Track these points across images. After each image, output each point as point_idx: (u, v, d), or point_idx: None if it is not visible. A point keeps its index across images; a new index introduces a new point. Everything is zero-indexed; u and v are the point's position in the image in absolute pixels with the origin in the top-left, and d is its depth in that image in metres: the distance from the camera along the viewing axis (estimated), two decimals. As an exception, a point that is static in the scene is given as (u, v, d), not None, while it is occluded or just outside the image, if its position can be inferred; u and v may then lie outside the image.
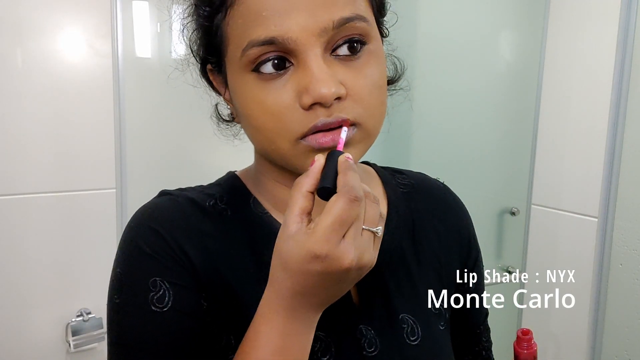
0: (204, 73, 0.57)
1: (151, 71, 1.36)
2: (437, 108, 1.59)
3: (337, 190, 0.42)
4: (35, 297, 1.26)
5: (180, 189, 0.58)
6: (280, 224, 0.55)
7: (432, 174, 0.72)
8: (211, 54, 0.52)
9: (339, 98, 0.46)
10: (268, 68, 0.46)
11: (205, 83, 0.58)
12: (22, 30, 1.20)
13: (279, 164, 0.52)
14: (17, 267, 1.24)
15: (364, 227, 0.42)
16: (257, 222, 0.56)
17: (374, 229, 0.43)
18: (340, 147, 0.46)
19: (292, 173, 0.53)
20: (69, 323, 1.28)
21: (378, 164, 0.70)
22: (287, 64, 0.46)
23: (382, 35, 0.56)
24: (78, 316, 1.29)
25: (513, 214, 1.74)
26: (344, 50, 0.47)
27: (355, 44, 0.47)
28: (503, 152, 1.74)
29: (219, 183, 0.60)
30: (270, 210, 0.57)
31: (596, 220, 1.53)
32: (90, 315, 1.29)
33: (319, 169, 0.44)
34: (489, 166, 1.72)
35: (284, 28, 0.44)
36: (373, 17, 0.51)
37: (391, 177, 0.66)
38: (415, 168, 0.72)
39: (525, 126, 1.72)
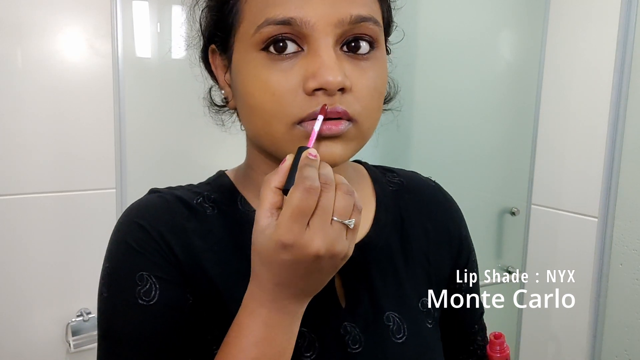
0: (204, 55, 0.57)
1: (151, 71, 1.36)
2: (437, 108, 1.59)
3: (294, 183, 0.43)
4: (35, 297, 1.26)
5: (169, 188, 0.59)
6: None
7: (432, 174, 0.72)
8: (220, 30, 0.52)
9: (342, 90, 0.46)
10: (276, 49, 0.47)
11: (203, 67, 0.59)
12: (22, 30, 1.20)
13: (269, 151, 0.52)
14: (17, 267, 1.24)
15: (334, 218, 0.42)
16: (244, 220, 0.56)
17: (346, 221, 0.43)
18: (310, 142, 0.46)
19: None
20: (69, 323, 1.28)
21: (376, 164, 0.70)
22: (297, 49, 0.47)
23: (387, 51, 0.57)
24: (78, 316, 1.29)
25: (513, 214, 1.74)
26: (352, 48, 0.48)
27: (363, 44, 0.49)
28: (503, 152, 1.74)
29: (208, 182, 0.61)
30: (257, 207, 0.57)
31: (596, 220, 1.53)
32: (90, 315, 1.29)
33: (288, 167, 0.44)
34: (489, 166, 1.72)
35: (303, 11, 0.46)
36: (382, 28, 0.52)
37: (382, 176, 0.66)
38: (415, 168, 0.72)
39: (525, 126, 1.72)
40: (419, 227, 0.64)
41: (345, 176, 0.59)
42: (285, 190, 0.43)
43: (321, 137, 0.47)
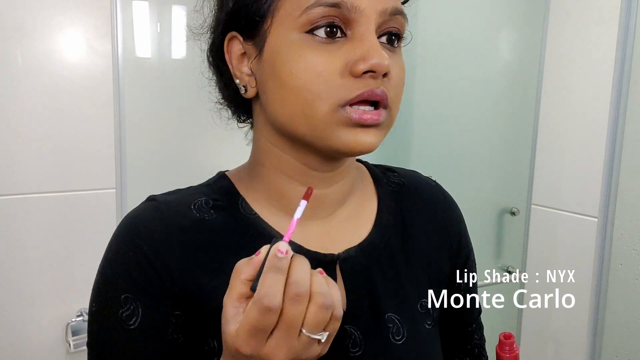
0: (217, 45, 0.56)
1: (151, 71, 1.36)
2: (437, 107, 1.59)
3: (255, 293, 0.40)
4: (35, 297, 1.26)
5: (168, 193, 0.58)
6: (267, 225, 0.55)
7: (432, 174, 0.72)
8: (253, 13, 0.51)
9: (385, 75, 0.48)
10: (321, 33, 0.48)
11: (212, 58, 0.58)
12: (22, 30, 1.20)
13: (303, 136, 0.51)
14: (17, 267, 1.24)
15: (303, 330, 0.41)
16: (245, 224, 0.55)
17: (314, 336, 0.41)
18: (288, 233, 0.43)
19: (300, 162, 0.54)
20: (69, 323, 1.28)
21: (376, 163, 0.70)
22: (340, 35, 0.48)
23: None
24: (78, 316, 1.29)
25: (513, 214, 1.74)
26: (383, 39, 0.51)
27: (394, 37, 0.51)
28: (503, 152, 1.74)
29: (208, 183, 0.60)
30: (259, 210, 0.57)
31: (596, 220, 1.53)
32: (90, 315, 1.29)
33: (260, 261, 0.42)
34: (489, 166, 1.72)
35: None
36: None
37: (382, 175, 0.66)
38: (415, 167, 0.72)
39: (526, 126, 1.72)
40: (419, 228, 0.64)
41: (349, 176, 0.59)
42: (252, 289, 0.41)
43: (359, 125, 0.48)
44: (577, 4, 1.59)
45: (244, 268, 0.43)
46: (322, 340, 0.42)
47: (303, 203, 0.44)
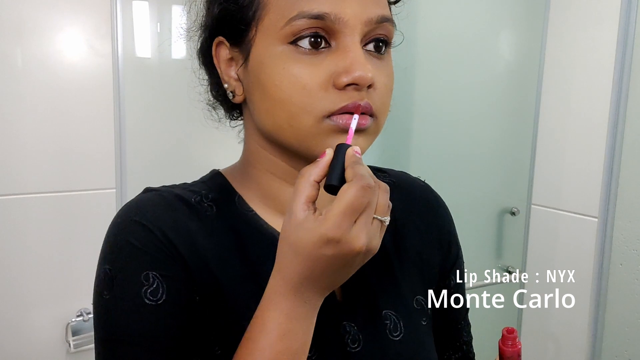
0: (205, 48, 0.56)
1: (151, 71, 1.36)
2: (438, 108, 1.59)
3: (347, 180, 0.43)
4: (35, 297, 1.26)
5: (165, 186, 0.58)
6: (265, 222, 0.56)
7: (432, 174, 0.72)
8: (238, 21, 0.51)
9: (370, 86, 0.48)
10: (305, 44, 0.48)
11: (201, 60, 0.58)
12: (22, 30, 1.20)
13: (290, 145, 0.51)
14: (17, 267, 1.24)
15: (374, 215, 0.44)
16: (243, 221, 0.56)
17: (382, 218, 0.44)
18: (349, 139, 0.47)
19: (289, 165, 0.54)
20: (69, 323, 1.28)
21: (376, 164, 0.70)
22: (324, 45, 0.48)
23: None
24: (78, 316, 1.29)
25: (513, 214, 1.74)
26: (370, 47, 0.50)
27: (381, 44, 0.51)
28: (503, 152, 1.74)
29: (203, 180, 0.60)
30: (255, 208, 0.57)
31: (596, 220, 1.53)
32: (90, 315, 1.29)
33: (328, 162, 0.45)
34: (488, 166, 1.72)
35: (338, 8, 0.47)
36: None
37: None
38: (415, 167, 0.72)
39: (526, 126, 1.72)
40: (410, 226, 0.65)
41: None
42: (328, 186, 0.44)
43: (347, 132, 0.48)
44: (577, 4, 1.59)
45: (311, 170, 0.45)
46: (386, 224, 0.45)
47: (356, 116, 0.47)
